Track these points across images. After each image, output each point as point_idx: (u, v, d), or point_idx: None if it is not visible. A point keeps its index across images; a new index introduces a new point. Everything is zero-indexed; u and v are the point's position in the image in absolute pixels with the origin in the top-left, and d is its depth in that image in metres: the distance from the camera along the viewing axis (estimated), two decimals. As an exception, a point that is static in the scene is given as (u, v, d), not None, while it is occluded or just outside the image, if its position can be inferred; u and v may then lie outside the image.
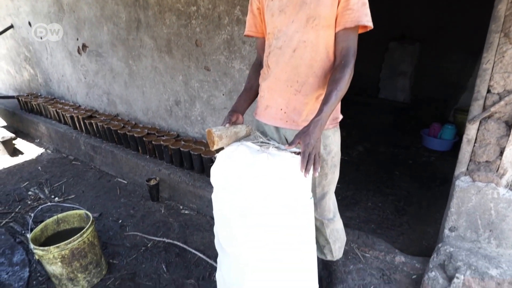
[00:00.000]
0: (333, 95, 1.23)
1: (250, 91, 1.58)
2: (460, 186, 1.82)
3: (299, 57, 1.35)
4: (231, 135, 1.41)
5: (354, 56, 1.29)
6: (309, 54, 1.34)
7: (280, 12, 1.36)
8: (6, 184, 3.33)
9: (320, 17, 1.28)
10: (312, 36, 1.31)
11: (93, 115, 3.72)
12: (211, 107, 2.77)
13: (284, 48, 1.37)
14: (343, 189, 2.98)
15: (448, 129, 3.76)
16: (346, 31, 1.28)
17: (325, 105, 1.23)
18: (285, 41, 1.36)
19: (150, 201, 2.93)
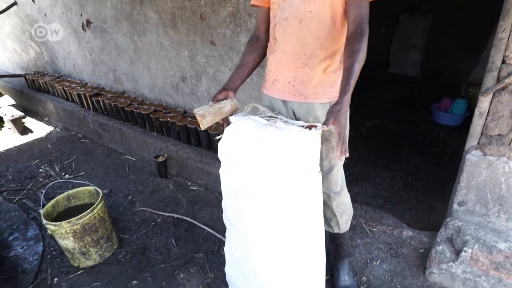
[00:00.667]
0: (356, 67, 1.17)
1: (244, 68, 1.52)
2: (471, 160, 1.79)
3: (305, 28, 1.31)
4: (215, 112, 1.38)
5: (367, 24, 1.23)
6: (315, 25, 1.29)
7: None
8: (18, 162, 3.38)
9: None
10: (319, 6, 1.27)
11: (100, 92, 3.72)
12: (217, 82, 2.74)
13: (290, 19, 1.33)
14: (351, 164, 2.97)
15: (459, 104, 3.68)
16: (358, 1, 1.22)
17: (350, 79, 1.16)
18: (291, 12, 1.32)
19: (158, 177, 2.96)
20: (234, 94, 1.46)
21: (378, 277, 1.86)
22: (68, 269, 2.04)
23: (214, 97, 1.40)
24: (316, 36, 1.31)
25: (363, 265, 1.94)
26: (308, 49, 1.34)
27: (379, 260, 1.96)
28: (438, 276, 1.76)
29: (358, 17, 1.22)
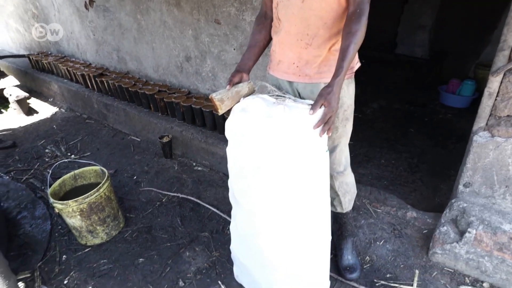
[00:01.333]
0: (351, 49, 1.18)
1: (255, 48, 1.51)
2: (478, 142, 1.77)
3: (308, 8, 1.28)
4: (233, 96, 1.39)
5: (368, 2, 1.20)
6: (318, 4, 1.26)
7: None
8: (24, 142, 3.40)
9: None
10: None
11: (104, 73, 3.70)
12: (222, 62, 2.71)
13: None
14: (356, 146, 2.95)
15: (468, 85, 3.62)
16: None
17: (344, 61, 1.17)
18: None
19: (163, 158, 2.97)
20: (248, 75, 1.46)
21: (381, 256, 1.88)
22: (76, 247, 2.08)
23: (230, 80, 1.40)
24: (319, 15, 1.27)
25: (367, 245, 1.96)
26: (312, 29, 1.31)
27: (382, 240, 1.98)
28: (441, 256, 1.78)
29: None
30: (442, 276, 1.75)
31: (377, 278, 1.76)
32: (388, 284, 1.72)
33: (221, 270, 1.86)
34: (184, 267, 1.89)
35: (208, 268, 1.88)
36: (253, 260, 1.59)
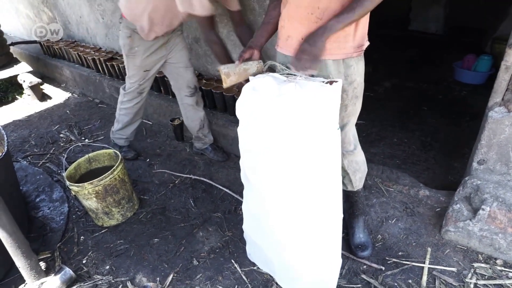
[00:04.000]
0: (351, 10, 1.20)
1: (268, 25, 1.51)
2: (494, 117, 1.73)
3: None
4: (240, 72, 1.39)
5: None
6: None
7: None
8: (39, 128, 3.47)
9: None
10: None
11: (114, 56, 3.70)
12: (231, 42, 2.68)
13: None
14: (368, 125, 2.92)
15: (484, 60, 3.51)
16: None
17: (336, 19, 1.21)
18: None
19: (175, 140, 2.99)
20: (259, 52, 1.47)
21: (393, 235, 1.89)
22: (93, 228, 2.14)
23: (240, 56, 1.41)
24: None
25: (379, 224, 1.96)
26: (323, 2, 1.27)
27: (394, 219, 1.98)
28: (454, 234, 1.77)
29: None
30: (455, 253, 1.75)
31: (388, 256, 1.77)
32: (400, 261, 1.73)
33: (234, 249, 1.90)
34: (198, 246, 1.93)
35: (221, 248, 1.91)
36: (265, 239, 1.61)
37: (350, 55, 1.35)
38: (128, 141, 2.78)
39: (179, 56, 2.35)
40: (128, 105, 2.53)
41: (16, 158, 2.93)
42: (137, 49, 2.22)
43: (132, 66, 2.31)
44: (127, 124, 2.65)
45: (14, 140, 3.26)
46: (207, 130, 2.64)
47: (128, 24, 2.15)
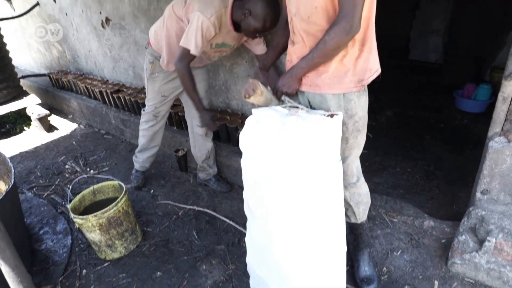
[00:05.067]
0: (311, 53, 1.33)
1: (276, 48, 1.66)
2: (494, 147, 1.74)
3: (313, 23, 1.31)
4: (267, 98, 1.48)
5: (344, 18, 1.21)
6: (322, 19, 1.29)
7: None
8: (45, 159, 3.52)
9: None
10: (322, 1, 1.26)
11: (120, 89, 3.80)
12: (234, 75, 2.75)
13: (300, 14, 1.34)
14: (371, 155, 2.94)
15: (484, 89, 3.56)
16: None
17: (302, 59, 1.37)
18: (299, 8, 1.33)
19: (179, 171, 3.02)
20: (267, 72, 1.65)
21: (399, 267, 1.86)
22: (95, 261, 2.13)
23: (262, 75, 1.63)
24: (325, 29, 1.30)
25: (384, 256, 1.94)
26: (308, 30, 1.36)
27: (400, 250, 1.95)
28: (461, 267, 1.74)
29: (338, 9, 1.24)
30: (463, 287, 1.71)
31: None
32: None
33: (238, 283, 1.87)
34: (201, 280, 1.91)
35: (224, 282, 1.89)
36: (269, 272, 1.60)
37: (350, 89, 1.38)
38: (142, 167, 2.83)
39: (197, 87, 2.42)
40: (145, 126, 2.64)
41: (22, 190, 2.96)
42: (157, 75, 2.36)
43: (151, 89, 2.44)
44: (144, 147, 2.73)
45: (20, 172, 3.30)
46: (212, 161, 2.67)
47: (152, 51, 2.33)
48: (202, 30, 1.84)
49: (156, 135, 2.70)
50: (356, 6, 1.20)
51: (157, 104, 2.50)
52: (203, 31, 1.85)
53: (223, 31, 1.97)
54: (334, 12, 1.28)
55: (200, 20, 1.82)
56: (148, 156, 2.78)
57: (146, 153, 2.77)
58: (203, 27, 1.84)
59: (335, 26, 1.22)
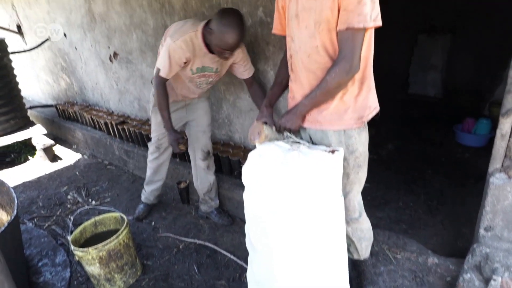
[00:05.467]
0: (313, 91, 1.38)
1: (280, 85, 1.71)
2: (495, 184, 1.75)
3: (313, 61, 1.37)
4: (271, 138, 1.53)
5: (344, 58, 1.27)
6: (322, 58, 1.35)
7: (295, 17, 1.39)
8: (48, 189, 3.53)
9: (324, 21, 1.29)
10: (321, 41, 1.33)
11: (125, 120, 3.87)
12: (237, 109, 2.81)
13: (301, 53, 1.40)
14: (372, 189, 2.93)
15: (483, 124, 3.60)
16: (341, 33, 1.27)
17: (305, 97, 1.43)
18: (300, 47, 1.39)
19: (180, 203, 3.01)
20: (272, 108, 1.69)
21: (403, 306, 1.81)
22: (94, 295, 2.09)
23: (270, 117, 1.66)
24: (325, 68, 1.35)
25: (388, 294, 1.89)
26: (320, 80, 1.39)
27: (404, 288, 1.91)
28: (467, 306, 1.70)
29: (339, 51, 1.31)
30: (469, 327, 1.66)
31: (400, 330, 1.68)
32: (412, 336, 1.64)
33: (238, 320, 1.83)
34: (201, 317, 1.87)
35: (224, 318, 1.84)
36: (270, 310, 1.56)
37: (351, 126, 1.42)
38: (147, 199, 2.86)
39: (199, 120, 2.52)
40: (150, 158, 2.69)
41: (23, 220, 2.95)
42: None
43: (154, 121, 2.50)
44: (149, 180, 2.77)
45: (23, 201, 3.30)
46: (214, 194, 2.67)
47: None
48: (169, 53, 1.98)
49: (161, 168, 2.72)
50: (355, 48, 1.25)
51: (159, 136, 2.55)
52: (170, 53, 1.98)
53: (198, 54, 2.07)
54: (334, 51, 1.33)
55: (167, 44, 1.99)
56: (153, 189, 2.80)
57: (151, 186, 2.79)
58: (170, 50, 1.98)
59: (336, 66, 1.28)
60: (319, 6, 1.29)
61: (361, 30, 1.24)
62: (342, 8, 1.23)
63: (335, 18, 1.27)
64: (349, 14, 1.22)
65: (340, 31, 1.27)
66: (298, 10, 1.37)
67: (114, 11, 3.49)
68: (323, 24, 1.30)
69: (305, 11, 1.34)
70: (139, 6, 3.18)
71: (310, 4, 1.31)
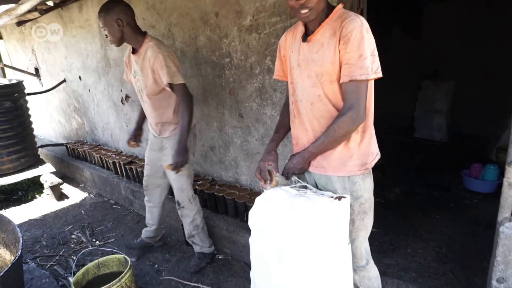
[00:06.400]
0: (321, 138, 1.40)
1: (283, 129, 1.74)
2: (505, 233, 1.72)
3: (316, 110, 1.43)
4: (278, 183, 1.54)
5: (351, 108, 1.32)
6: (325, 107, 1.41)
7: (297, 66, 1.46)
8: (53, 228, 3.52)
9: (326, 73, 1.36)
10: (324, 91, 1.39)
11: (133, 160, 3.92)
12: (244, 152, 2.85)
13: (304, 101, 1.46)
14: (380, 234, 2.88)
15: (491, 170, 3.58)
16: (345, 85, 1.33)
17: (312, 144, 1.44)
18: (303, 95, 1.45)
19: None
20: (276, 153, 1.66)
21: None
22: None
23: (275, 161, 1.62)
24: (328, 116, 1.40)
25: None
26: (324, 127, 1.44)
27: None
28: None
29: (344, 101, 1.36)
30: None
31: None
32: None
33: None
34: None
35: None
36: None
37: (354, 173, 1.44)
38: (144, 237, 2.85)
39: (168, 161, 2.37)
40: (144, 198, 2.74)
41: (25, 259, 2.92)
42: (147, 141, 2.60)
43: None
44: (147, 221, 2.79)
45: (26, 240, 3.29)
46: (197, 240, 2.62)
47: None
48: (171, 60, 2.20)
49: (152, 213, 2.71)
50: (360, 98, 1.31)
51: (146, 173, 2.61)
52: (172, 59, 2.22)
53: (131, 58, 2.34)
54: (336, 100, 1.39)
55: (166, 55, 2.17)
56: (147, 233, 2.81)
57: (147, 230, 2.81)
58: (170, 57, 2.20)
59: (343, 115, 1.32)
60: (320, 59, 1.36)
61: (364, 81, 1.30)
62: (344, 62, 1.30)
63: (336, 71, 1.34)
64: (351, 67, 1.29)
65: (344, 83, 1.33)
66: (300, 60, 1.45)
67: (129, 56, 3.66)
68: (325, 75, 1.36)
69: (307, 62, 1.41)
70: (152, 52, 3.34)
71: (312, 56, 1.39)
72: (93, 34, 4.01)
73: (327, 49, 1.34)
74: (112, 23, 2.10)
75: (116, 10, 2.09)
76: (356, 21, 1.28)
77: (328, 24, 1.35)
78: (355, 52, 1.27)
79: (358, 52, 1.27)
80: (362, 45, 1.26)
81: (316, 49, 1.38)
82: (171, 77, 2.15)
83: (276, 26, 2.32)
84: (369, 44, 1.28)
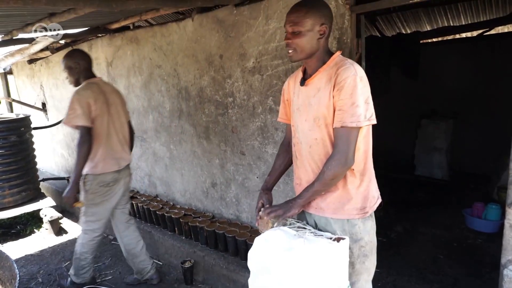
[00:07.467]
0: (312, 183, 1.43)
1: (278, 169, 1.76)
2: (510, 276, 1.70)
3: (315, 152, 1.47)
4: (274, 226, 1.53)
5: (339, 152, 1.36)
6: (322, 149, 1.45)
7: (297, 110, 1.52)
8: (50, 264, 3.46)
9: (322, 117, 1.41)
10: (321, 134, 1.44)
11: (134, 195, 3.92)
12: (245, 189, 2.87)
13: (303, 143, 1.51)
14: (383, 273, 2.83)
15: (493, 209, 3.56)
16: (337, 130, 1.38)
17: (305, 191, 1.46)
18: (303, 138, 1.50)
19: (183, 284, 2.91)
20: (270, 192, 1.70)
21: None
22: None
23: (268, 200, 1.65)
24: (326, 159, 1.44)
25: None
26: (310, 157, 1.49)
27: None
28: None
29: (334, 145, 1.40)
30: None
31: None
32: None
33: None
34: None
35: None
36: None
37: (353, 216, 1.45)
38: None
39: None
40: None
41: (20, 298, 2.85)
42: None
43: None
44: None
45: (22, 277, 3.22)
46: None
47: None
48: None
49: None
50: (350, 143, 1.36)
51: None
52: None
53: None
54: (331, 143, 1.43)
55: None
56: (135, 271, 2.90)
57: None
58: None
59: (332, 159, 1.37)
60: (316, 104, 1.42)
61: (355, 128, 1.35)
62: (337, 108, 1.36)
63: (331, 115, 1.39)
64: (343, 114, 1.34)
65: (336, 128, 1.38)
66: (299, 104, 1.52)
67: (134, 94, 3.77)
68: (321, 119, 1.42)
69: (305, 106, 1.48)
70: (157, 91, 3.45)
71: (310, 101, 1.45)
72: (101, 72, 4.15)
73: (323, 94, 1.40)
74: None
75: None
76: (350, 69, 1.35)
77: (326, 70, 1.42)
78: (348, 100, 1.33)
79: (350, 100, 1.32)
80: (355, 93, 1.32)
81: (313, 94, 1.44)
82: (65, 118, 2.50)
83: (278, 69, 2.41)
84: (362, 92, 1.34)
